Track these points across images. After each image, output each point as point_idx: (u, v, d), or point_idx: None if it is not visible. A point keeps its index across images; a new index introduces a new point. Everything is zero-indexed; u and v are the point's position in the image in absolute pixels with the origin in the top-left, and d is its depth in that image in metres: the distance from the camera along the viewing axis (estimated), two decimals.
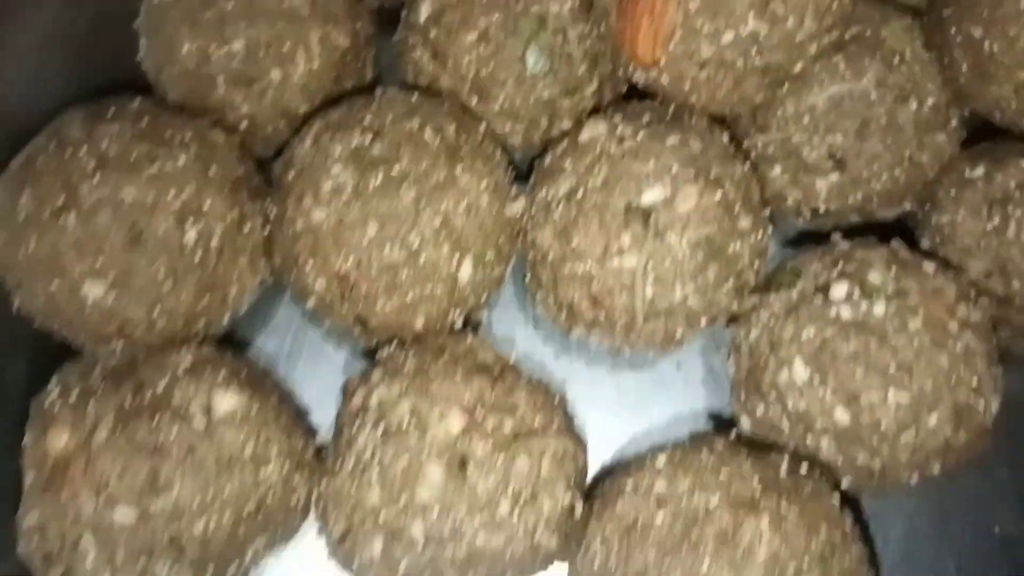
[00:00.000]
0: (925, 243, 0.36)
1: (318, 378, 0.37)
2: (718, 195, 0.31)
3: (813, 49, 0.30)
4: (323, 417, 0.35)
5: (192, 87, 0.34)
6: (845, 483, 0.32)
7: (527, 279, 0.35)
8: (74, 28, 0.37)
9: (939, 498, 0.36)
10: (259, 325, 0.38)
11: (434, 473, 0.29)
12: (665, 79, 0.31)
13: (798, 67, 0.30)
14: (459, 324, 0.34)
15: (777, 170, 0.35)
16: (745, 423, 0.34)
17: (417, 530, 0.29)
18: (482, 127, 0.34)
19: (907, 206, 0.36)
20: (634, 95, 0.36)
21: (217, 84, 0.34)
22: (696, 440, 0.32)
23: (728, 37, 0.29)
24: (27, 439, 0.31)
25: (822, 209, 0.35)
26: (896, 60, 0.33)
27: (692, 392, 0.38)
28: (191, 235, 0.32)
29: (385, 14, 0.38)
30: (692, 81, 0.30)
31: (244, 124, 0.35)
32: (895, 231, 0.35)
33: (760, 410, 0.33)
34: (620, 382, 0.38)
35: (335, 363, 0.38)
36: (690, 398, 0.37)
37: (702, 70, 0.30)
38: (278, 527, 0.32)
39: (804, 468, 0.30)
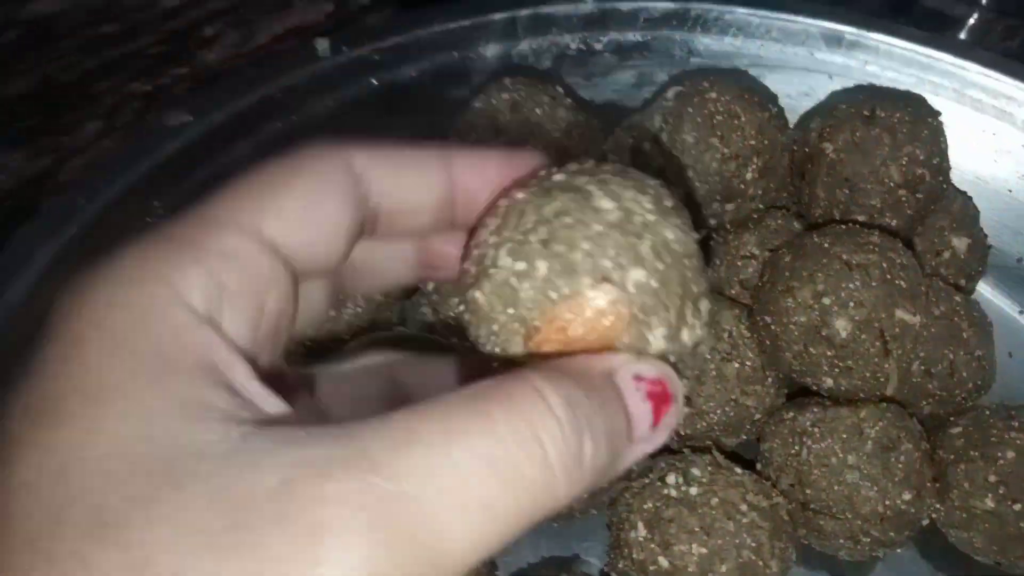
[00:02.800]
0: (758, 465, 0.50)
1: None
2: None
3: None
4: None
5: None
6: None
7: None
8: None
9: None
10: None
11: None
12: None
13: None
14: None
15: None
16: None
17: None
18: None
19: (744, 436, 0.51)
20: None
21: None
22: None
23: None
24: None
25: (683, 433, 0.51)
26: (725, 335, 0.50)
27: None
28: None
29: None
30: None
31: None
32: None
33: (620, 563, 0.46)
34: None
35: None
36: None
37: None
38: None
39: None
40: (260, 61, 0.79)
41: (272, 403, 0.23)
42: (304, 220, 0.25)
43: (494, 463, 0.21)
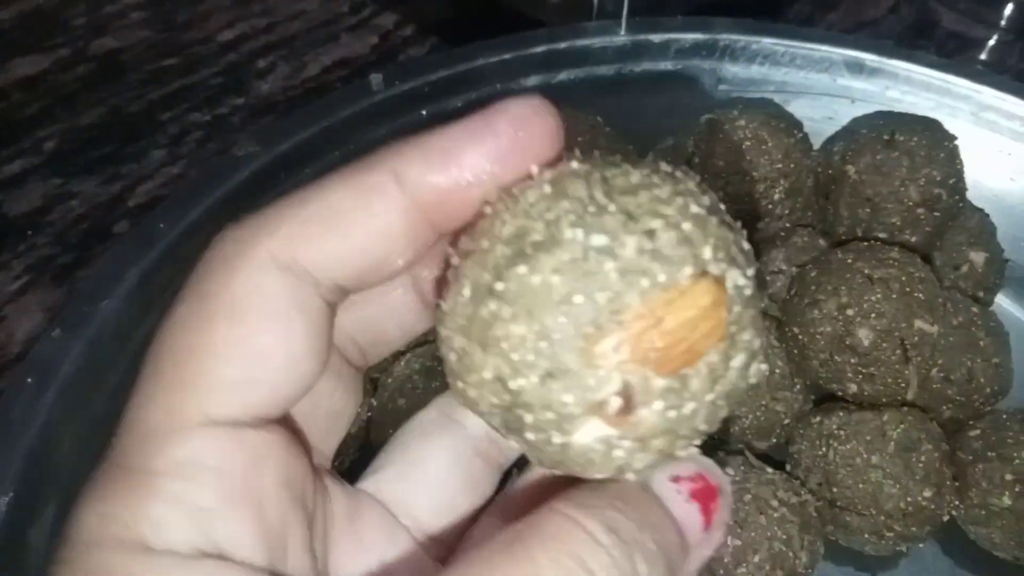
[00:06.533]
0: (787, 466, 0.54)
1: None
2: None
3: None
4: None
5: None
6: None
7: None
8: None
9: None
10: None
11: None
12: None
13: None
14: None
15: None
16: None
17: None
18: None
19: (774, 440, 0.55)
20: None
21: None
22: None
23: None
24: None
25: (717, 438, 0.54)
26: None
27: None
28: None
29: None
30: None
31: None
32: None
33: None
34: None
35: None
36: None
37: None
38: None
39: None
40: (316, 93, 0.84)
41: None
42: (255, 373, 0.21)
43: None
